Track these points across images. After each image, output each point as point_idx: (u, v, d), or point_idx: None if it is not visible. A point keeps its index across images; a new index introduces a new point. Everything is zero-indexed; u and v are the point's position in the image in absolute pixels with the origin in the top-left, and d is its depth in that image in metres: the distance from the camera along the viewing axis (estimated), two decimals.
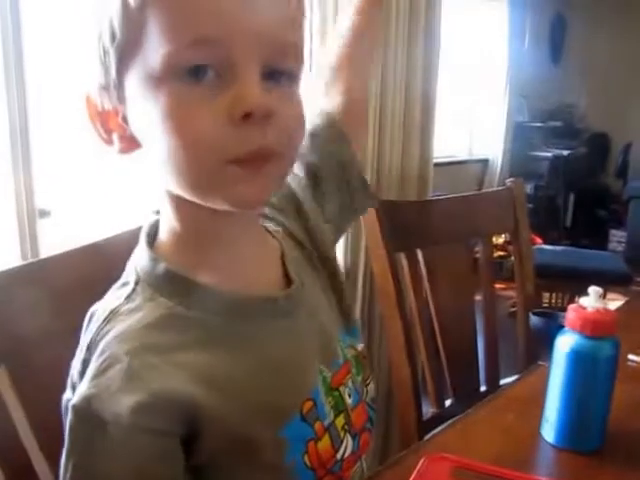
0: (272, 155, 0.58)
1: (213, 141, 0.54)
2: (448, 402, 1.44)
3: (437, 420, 1.37)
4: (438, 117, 2.24)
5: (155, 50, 0.54)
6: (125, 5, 0.55)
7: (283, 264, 0.71)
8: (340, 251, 1.84)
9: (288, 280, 0.70)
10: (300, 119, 0.61)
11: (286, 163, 0.62)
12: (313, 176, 0.81)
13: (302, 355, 0.67)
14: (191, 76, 0.54)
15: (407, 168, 2.06)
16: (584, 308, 0.85)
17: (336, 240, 0.87)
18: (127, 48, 0.56)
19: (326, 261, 0.79)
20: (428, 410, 1.40)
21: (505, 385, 1.41)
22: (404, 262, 1.35)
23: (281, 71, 0.58)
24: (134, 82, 0.57)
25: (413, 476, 0.75)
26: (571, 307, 0.86)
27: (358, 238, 1.84)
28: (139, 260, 0.64)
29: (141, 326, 0.59)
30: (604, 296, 0.87)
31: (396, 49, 1.93)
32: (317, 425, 0.65)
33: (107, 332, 0.59)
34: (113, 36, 0.56)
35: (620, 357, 0.87)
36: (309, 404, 0.64)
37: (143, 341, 0.58)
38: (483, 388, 1.52)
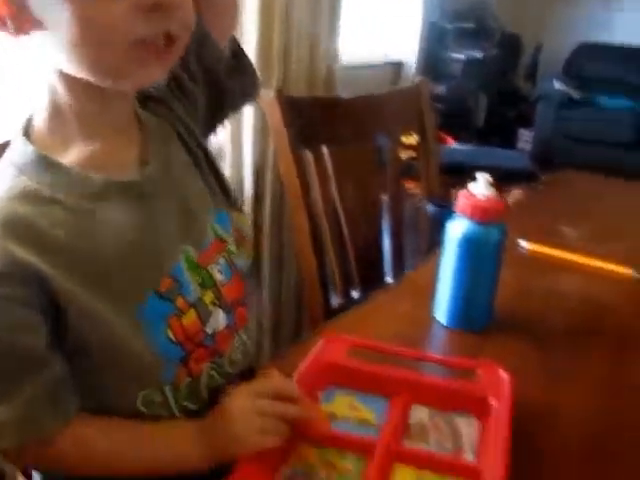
0: (176, 40, 0.61)
1: (121, 25, 0.56)
2: (355, 293, 1.49)
3: (344, 310, 1.42)
4: (350, 17, 2.18)
5: None
6: None
7: (148, 147, 0.72)
8: (248, 150, 1.83)
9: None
10: (192, 8, 0.63)
11: (183, 48, 0.65)
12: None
13: (158, 235, 0.68)
14: None
15: (315, 67, 2.02)
16: (473, 195, 0.89)
17: (213, 125, 0.87)
18: None
19: (200, 144, 0.80)
20: (336, 301, 1.45)
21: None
22: (310, 158, 1.36)
23: None
24: None
25: (311, 356, 0.79)
26: (461, 193, 0.89)
27: (266, 136, 1.83)
28: (12, 147, 0.65)
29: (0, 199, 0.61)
30: (505, 190, 0.92)
31: None
32: (179, 301, 0.67)
33: None
34: None
35: (510, 243, 0.92)
36: (167, 281, 0.67)
37: (2, 212, 0.60)
38: (389, 280, 1.58)
